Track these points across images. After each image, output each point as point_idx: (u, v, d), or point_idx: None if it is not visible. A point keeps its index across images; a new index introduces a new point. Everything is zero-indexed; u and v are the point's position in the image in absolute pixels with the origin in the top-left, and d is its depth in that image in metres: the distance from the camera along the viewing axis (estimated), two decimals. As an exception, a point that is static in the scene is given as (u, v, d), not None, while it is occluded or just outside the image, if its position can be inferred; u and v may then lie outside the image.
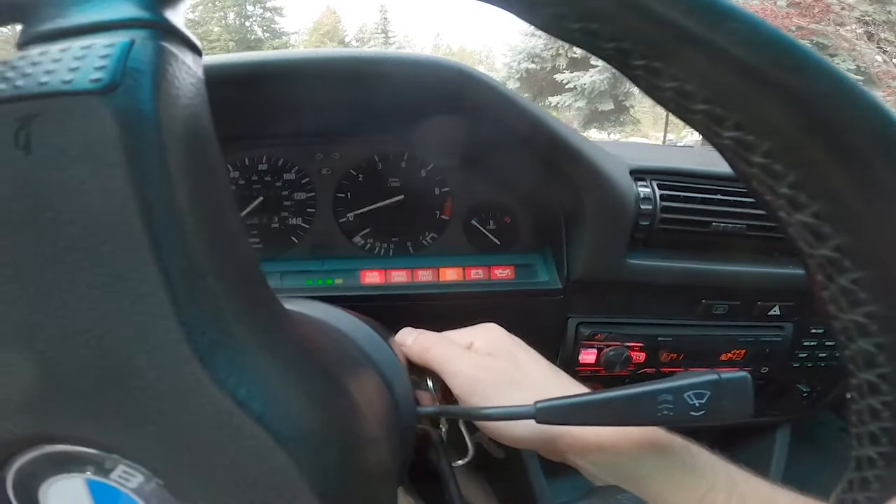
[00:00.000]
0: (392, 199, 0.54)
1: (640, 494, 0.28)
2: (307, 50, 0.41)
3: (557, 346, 0.54)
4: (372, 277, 0.52)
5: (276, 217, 0.54)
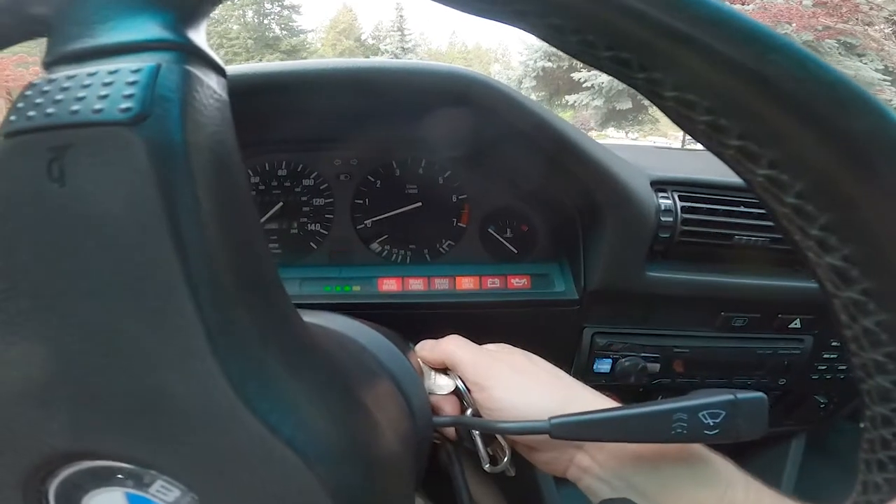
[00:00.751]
0: (409, 206, 0.54)
1: None
2: (323, 60, 0.41)
3: (572, 356, 0.54)
4: (389, 285, 0.52)
5: (296, 223, 0.54)
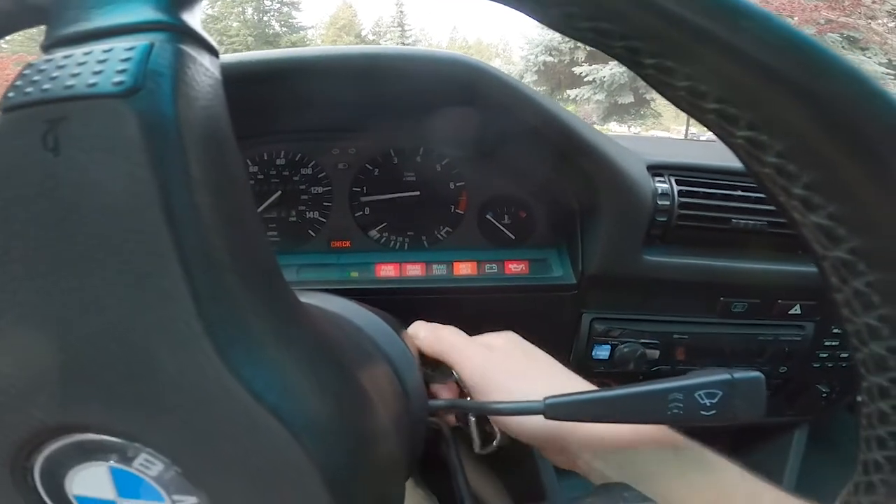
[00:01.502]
0: (407, 193, 0.54)
1: (649, 493, 0.28)
2: (323, 47, 0.41)
3: (571, 342, 0.54)
4: (387, 271, 0.52)
5: (294, 211, 0.54)
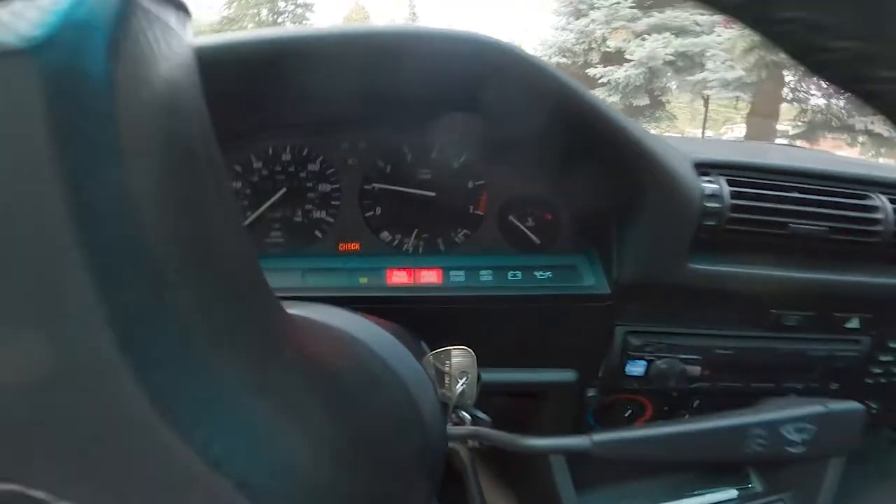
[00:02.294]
0: (422, 192, 0.50)
1: None
2: (328, 25, 0.37)
3: (602, 357, 0.49)
4: (399, 277, 0.48)
5: (300, 210, 0.50)
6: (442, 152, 0.49)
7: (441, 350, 0.34)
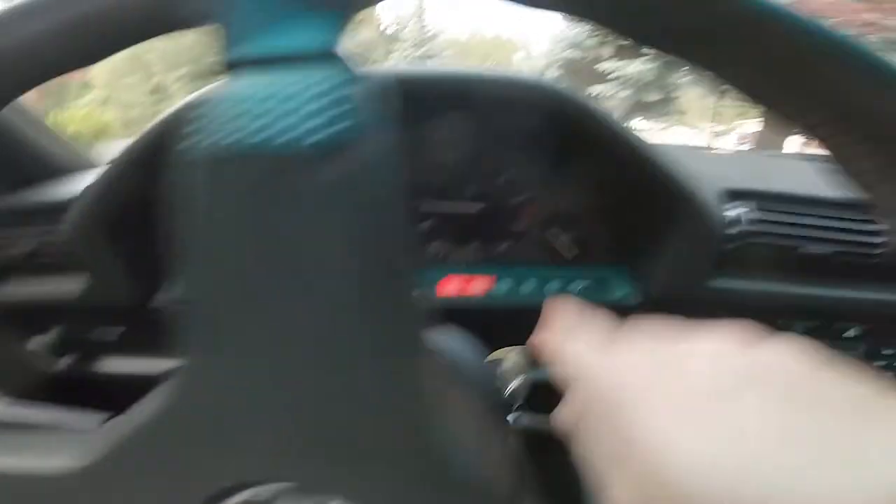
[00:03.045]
0: (469, 205, 0.55)
1: None
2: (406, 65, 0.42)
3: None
4: (448, 289, 0.53)
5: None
6: (489, 167, 0.54)
7: (496, 354, 0.40)
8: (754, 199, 0.49)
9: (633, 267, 0.53)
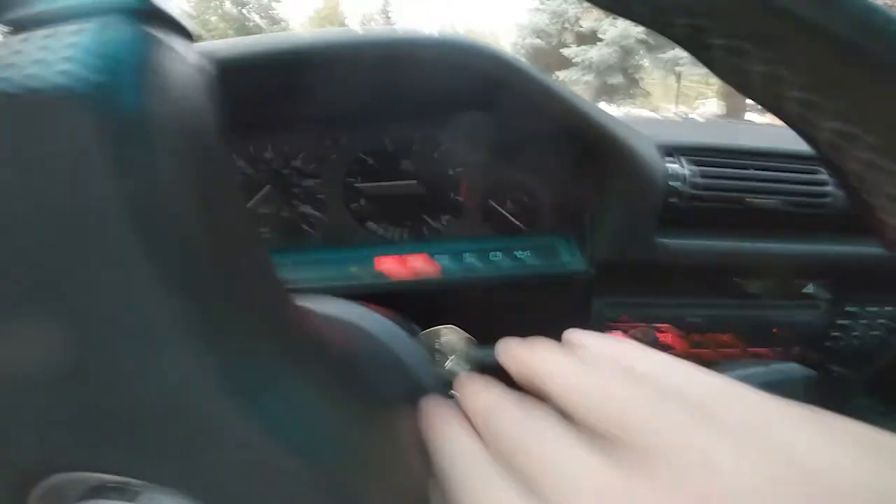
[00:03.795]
0: (404, 182, 0.52)
1: None
2: (330, 33, 0.38)
3: (582, 328, 0.52)
4: (387, 264, 0.50)
5: (286, 206, 0.52)
6: (422, 144, 0.51)
7: (431, 329, 0.37)
8: (696, 154, 0.47)
9: (577, 231, 0.50)
